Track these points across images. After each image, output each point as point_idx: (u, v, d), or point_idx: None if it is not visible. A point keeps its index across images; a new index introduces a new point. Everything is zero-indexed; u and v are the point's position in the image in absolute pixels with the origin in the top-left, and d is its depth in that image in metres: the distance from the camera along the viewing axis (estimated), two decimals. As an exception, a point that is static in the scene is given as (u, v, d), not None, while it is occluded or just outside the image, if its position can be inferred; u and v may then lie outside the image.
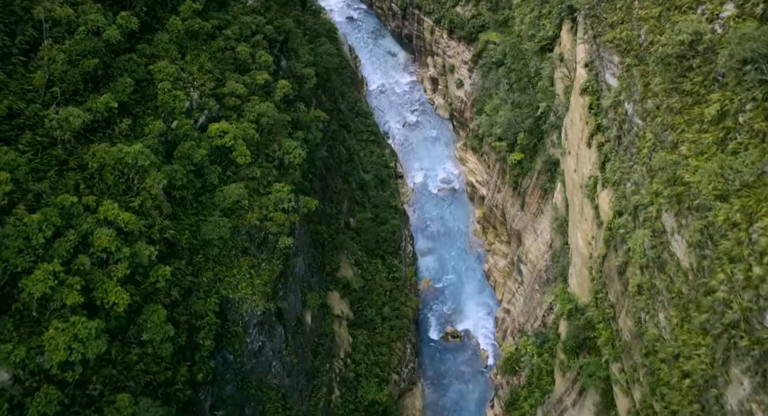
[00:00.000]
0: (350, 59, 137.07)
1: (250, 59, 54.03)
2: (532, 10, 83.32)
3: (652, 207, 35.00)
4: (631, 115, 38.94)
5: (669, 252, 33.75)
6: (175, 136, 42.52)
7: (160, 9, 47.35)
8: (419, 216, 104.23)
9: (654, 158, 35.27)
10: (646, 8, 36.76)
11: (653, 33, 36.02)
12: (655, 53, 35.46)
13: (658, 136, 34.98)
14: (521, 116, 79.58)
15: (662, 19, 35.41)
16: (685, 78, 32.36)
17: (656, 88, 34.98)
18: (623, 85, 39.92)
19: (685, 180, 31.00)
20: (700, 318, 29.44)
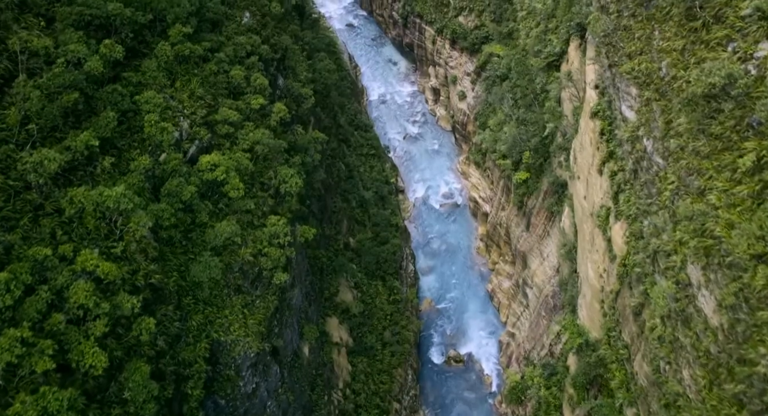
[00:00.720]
0: (350, 68, 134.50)
1: (244, 82, 51.36)
2: (538, 24, 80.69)
3: (676, 256, 32.32)
4: (651, 153, 36.26)
5: (695, 307, 31.09)
6: (163, 171, 39.84)
7: (148, 33, 44.66)
8: (421, 232, 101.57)
9: (678, 203, 32.60)
10: (668, 40, 34.07)
11: (676, 67, 33.33)
12: (678, 90, 32.80)
13: (682, 180, 32.30)
14: (527, 134, 76.92)
15: (686, 53, 32.73)
16: (714, 120, 29.69)
17: (680, 128, 32.29)
18: (642, 120, 37.24)
19: (716, 234, 28.33)
20: (734, 388, 26.81)
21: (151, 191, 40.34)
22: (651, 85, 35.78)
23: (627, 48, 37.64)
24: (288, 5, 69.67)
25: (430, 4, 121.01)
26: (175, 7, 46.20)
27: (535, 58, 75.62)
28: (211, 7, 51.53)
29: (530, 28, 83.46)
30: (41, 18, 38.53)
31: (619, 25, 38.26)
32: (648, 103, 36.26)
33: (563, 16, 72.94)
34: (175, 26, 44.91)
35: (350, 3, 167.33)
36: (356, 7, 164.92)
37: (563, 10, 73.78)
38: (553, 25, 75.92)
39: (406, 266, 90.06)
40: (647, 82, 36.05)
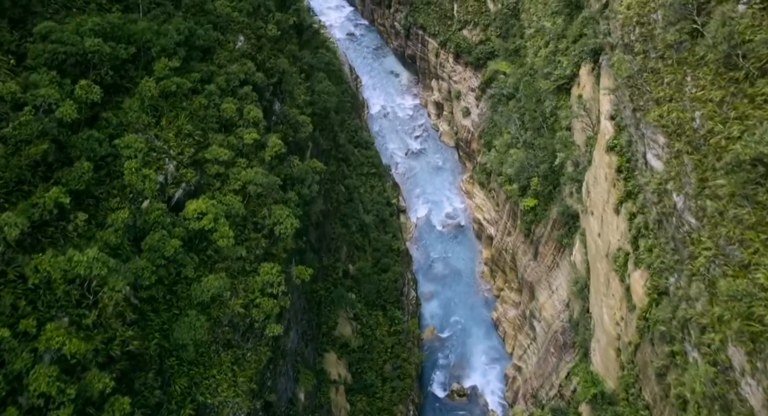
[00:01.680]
0: (351, 80, 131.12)
1: (236, 115, 47.85)
2: (547, 43, 77.18)
3: (715, 335, 28.82)
4: (682, 210, 32.76)
5: (737, 395, 27.60)
6: (144, 222, 36.33)
7: (131, 67, 41.18)
8: (423, 254, 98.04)
9: (715, 273, 29.11)
10: (703, 89, 30.60)
11: (713, 120, 29.86)
12: (716, 147, 29.32)
13: (721, 249, 28.80)
14: (535, 160, 73.42)
15: (725, 106, 29.25)
16: (761, 187, 26.23)
17: (719, 191, 28.79)
18: (671, 173, 33.75)
19: (766, 321, 24.86)
20: None
21: (131, 242, 36.85)
22: (682, 136, 32.29)
23: (654, 92, 34.14)
24: (285, 25, 66.20)
25: (434, 16, 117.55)
26: (161, 39, 42.72)
27: (545, 81, 72.11)
28: (201, 34, 48.04)
29: (539, 47, 79.97)
30: (11, 56, 35.10)
31: (646, 67, 34.79)
32: (678, 156, 32.79)
33: (574, 37, 69.52)
34: (160, 60, 41.38)
35: (351, 12, 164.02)
36: (357, 16, 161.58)
37: (574, 31, 70.31)
38: (563, 45, 72.42)
39: (407, 292, 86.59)
40: (678, 132, 32.56)
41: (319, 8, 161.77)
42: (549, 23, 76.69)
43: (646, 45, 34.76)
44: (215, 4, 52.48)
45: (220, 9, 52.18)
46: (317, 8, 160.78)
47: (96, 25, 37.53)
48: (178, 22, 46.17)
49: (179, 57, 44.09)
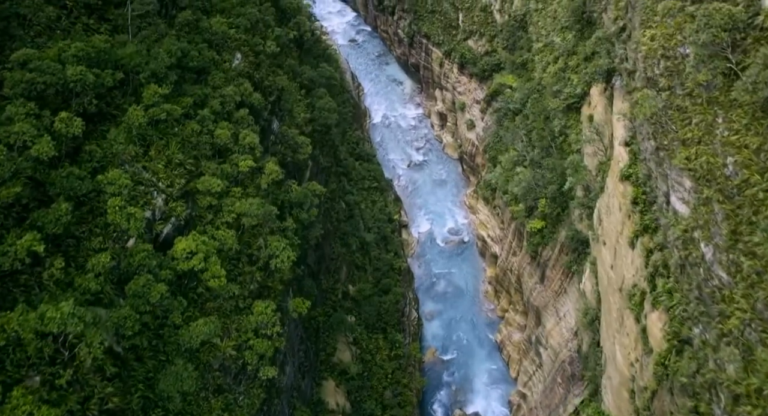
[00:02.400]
0: (352, 88, 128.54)
1: (231, 141, 45.23)
2: (556, 59, 74.46)
3: (752, 409, 26.15)
4: (711, 262, 30.11)
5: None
6: (129, 264, 33.70)
7: (118, 94, 38.56)
8: (425, 271, 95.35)
9: (752, 338, 26.48)
10: (737, 133, 27.96)
11: (749, 169, 27.22)
12: (753, 199, 26.68)
13: (758, 313, 26.17)
14: (543, 181, 70.73)
15: (763, 155, 26.60)
16: (807, 251, 23.60)
17: (758, 249, 26.14)
18: (698, 220, 31.08)
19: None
20: None
21: (115, 285, 34.23)
22: (712, 182, 29.65)
23: (681, 132, 31.48)
24: (285, 39, 63.56)
25: (438, 25, 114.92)
26: (150, 63, 40.08)
27: (554, 99, 69.42)
28: (194, 55, 45.39)
29: (547, 63, 77.25)
30: (-15, 85, 32.56)
31: (671, 104, 32.14)
32: (707, 203, 30.15)
33: (586, 54, 66.85)
34: (149, 86, 38.71)
35: (354, 17, 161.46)
36: (360, 21, 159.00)
37: (588, 50, 67.62)
38: (573, 62, 69.72)
39: (408, 313, 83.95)
40: (707, 178, 29.92)
41: (321, 13, 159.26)
42: (558, 38, 74.03)
43: (672, 80, 32.13)
44: (210, 22, 49.88)
45: (215, 27, 49.56)
46: (319, 13, 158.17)
47: (79, 50, 34.91)
48: (170, 42, 43.53)
49: (170, 81, 41.44)
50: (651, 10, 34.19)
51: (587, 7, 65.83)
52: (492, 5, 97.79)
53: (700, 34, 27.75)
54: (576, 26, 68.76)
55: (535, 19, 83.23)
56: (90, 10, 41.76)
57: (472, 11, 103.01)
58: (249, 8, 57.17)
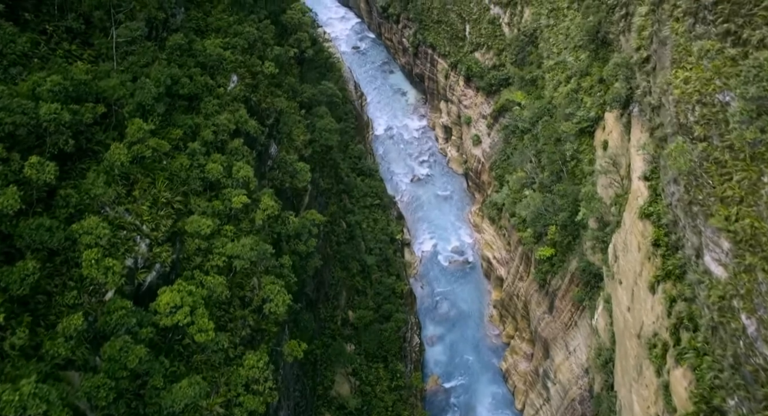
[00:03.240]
0: (355, 98, 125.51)
1: (224, 175, 42.08)
2: (569, 79, 71.26)
3: None
4: (754, 338, 26.91)
5: None
6: (105, 322, 30.55)
7: (98, 130, 35.40)
8: (427, 292, 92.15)
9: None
10: (788, 197, 24.74)
11: (803, 240, 24.01)
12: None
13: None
14: (553, 207, 67.52)
15: (819, 225, 23.40)
16: None
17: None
18: (738, 288, 27.88)
19: None
20: None
21: (89, 344, 31.09)
22: (757, 248, 26.45)
23: (719, 189, 28.27)
24: (284, 58, 60.40)
25: (444, 35, 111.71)
26: (136, 94, 36.94)
27: (566, 122, 66.18)
28: (186, 83, 42.23)
29: (559, 82, 74.08)
30: (-52, 126, 29.41)
31: (708, 156, 28.92)
32: (750, 271, 26.96)
33: (600, 76, 63.64)
34: (133, 121, 35.51)
35: (357, 23, 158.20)
36: (364, 28, 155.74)
37: (607, 73, 64.40)
38: (587, 83, 66.54)
39: (410, 338, 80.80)
40: (750, 243, 26.72)
41: (325, 19, 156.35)
42: (571, 57, 70.83)
43: (710, 130, 28.92)
44: (204, 44, 46.73)
45: (210, 49, 46.40)
46: (322, 19, 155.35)
47: (56, 84, 31.75)
48: (159, 69, 40.38)
49: (158, 113, 38.27)
50: (684, 49, 31.06)
51: (602, 27, 62.59)
52: (500, 18, 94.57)
53: (749, 86, 24.60)
54: (590, 46, 65.53)
55: (545, 35, 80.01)
56: (72, 35, 38.61)
57: (480, 23, 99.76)
58: (247, 27, 54.05)
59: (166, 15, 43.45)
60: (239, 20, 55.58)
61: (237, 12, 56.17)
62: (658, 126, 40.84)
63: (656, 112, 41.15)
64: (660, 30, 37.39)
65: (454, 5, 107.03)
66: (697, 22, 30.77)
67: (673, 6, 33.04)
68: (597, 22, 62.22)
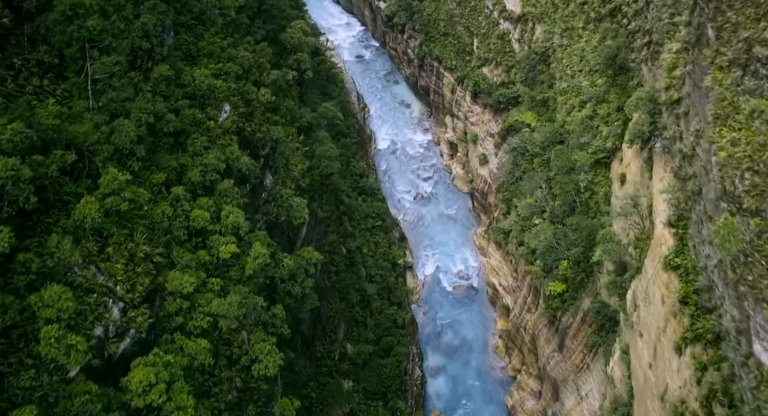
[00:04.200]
0: (357, 110, 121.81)
1: (212, 221, 38.35)
2: (583, 104, 67.43)
3: None
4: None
5: None
6: (66, 409, 26.79)
7: (68, 181, 31.63)
8: (430, 318, 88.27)
9: None
10: None
11: None
12: None
13: None
14: (565, 241, 63.65)
15: None
16: None
17: None
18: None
19: None
20: None
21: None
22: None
23: (773, 272, 24.46)
24: (282, 81, 56.62)
25: (451, 48, 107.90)
26: (113, 137, 33.21)
27: (581, 152, 62.35)
28: (171, 119, 38.51)
29: (572, 106, 70.26)
30: None
31: (761, 233, 25.08)
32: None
33: (618, 104, 59.83)
34: (108, 171, 31.75)
35: (362, 31, 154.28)
36: (368, 36, 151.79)
37: (629, 108, 60.55)
38: (603, 110, 62.74)
39: (411, 370, 77.03)
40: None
41: (328, 25, 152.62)
42: (586, 81, 66.97)
43: (763, 202, 25.11)
44: (194, 73, 42.97)
45: (199, 80, 42.63)
46: (326, 26, 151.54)
47: (17, 133, 28.02)
48: (142, 105, 36.63)
49: (137, 158, 34.54)
50: (731, 105, 27.29)
51: (621, 53, 58.72)
52: (510, 33, 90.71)
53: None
54: (607, 71, 61.67)
55: (558, 55, 76.17)
56: (44, 68, 34.89)
57: (489, 38, 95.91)
58: (242, 51, 50.32)
59: (152, 44, 39.68)
60: (234, 43, 51.89)
61: (232, 34, 52.46)
62: (691, 177, 37.01)
63: (688, 161, 37.35)
64: (696, 73, 33.56)
65: (461, 18, 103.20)
66: (747, 75, 26.97)
67: (716, 52, 29.24)
68: (615, 48, 58.34)
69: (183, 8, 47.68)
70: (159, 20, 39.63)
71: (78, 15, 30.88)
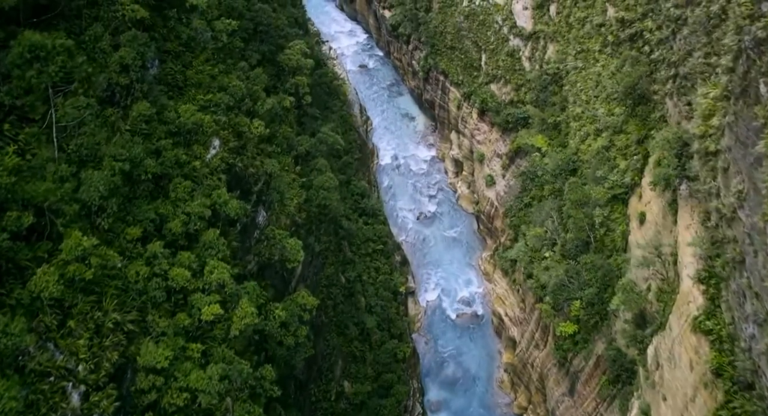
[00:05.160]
0: (360, 123, 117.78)
1: (193, 279, 34.46)
2: (598, 133, 63.47)
3: None
4: None
5: None
6: None
7: (25, 248, 27.73)
8: (431, 348, 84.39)
9: None
10: None
11: None
12: None
13: None
14: (578, 280, 59.67)
15: None
16: None
17: None
18: None
19: None
20: None
21: None
22: None
23: None
24: (278, 109, 52.74)
25: (458, 63, 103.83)
26: (81, 192, 29.31)
27: (597, 187, 58.38)
28: (150, 165, 34.62)
29: (587, 134, 66.28)
30: None
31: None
32: None
33: (639, 136, 55.94)
34: (71, 234, 27.83)
35: (365, 39, 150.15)
36: (372, 44, 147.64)
37: (638, 129, 56.73)
38: (621, 142, 58.82)
39: (412, 407, 73.16)
40: None
41: (331, 33, 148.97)
42: (602, 109, 62.99)
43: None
44: (179, 110, 39.06)
45: (185, 116, 38.73)
46: (329, 33, 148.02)
47: (-38, 197, 24.15)
48: (115, 151, 32.74)
49: (108, 214, 30.65)
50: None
51: (643, 82, 54.71)
52: (520, 51, 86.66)
53: None
54: (626, 101, 57.67)
55: (572, 77, 72.13)
56: (6, 110, 30.97)
57: (498, 54, 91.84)
58: (234, 80, 46.42)
59: (131, 79, 35.81)
60: (226, 69, 47.98)
61: (224, 59, 48.57)
62: (730, 241, 33.04)
63: (726, 223, 33.36)
64: (739, 127, 29.61)
65: (469, 32, 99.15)
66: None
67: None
68: (637, 77, 54.33)
69: (170, 34, 43.76)
70: (139, 53, 35.72)
71: (38, 58, 26.98)
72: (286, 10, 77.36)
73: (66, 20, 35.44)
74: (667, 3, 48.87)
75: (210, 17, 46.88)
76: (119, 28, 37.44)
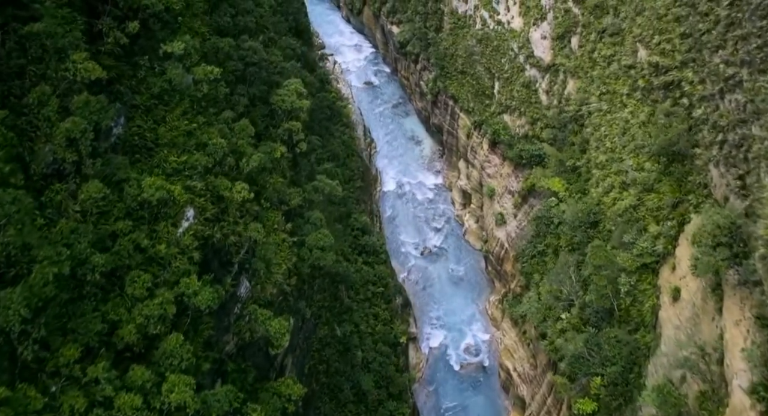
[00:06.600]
0: (363, 146, 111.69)
1: (144, 409, 28.24)
2: (625, 187, 57.03)
3: None
4: None
5: None
6: None
7: None
8: (432, 403, 78.14)
9: None
10: None
11: None
12: None
13: None
14: (600, 354, 53.29)
15: None
16: None
17: None
18: None
19: None
20: None
21: None
22: None
23: None
24: (268, 160, 46.53)
25: (469, 89, 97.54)
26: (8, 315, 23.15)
27: (623, 253, 52.01)
28: (98, 262, 28.42)
29: (611, 186, 59.78)
30: None
31: None
32: None
33: (675, 200, 49.56)
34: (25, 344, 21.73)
35: (372, 54, 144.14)
36: (379, 60, 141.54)
37: (673, 190, 50.34)
38: (652, 202, 52.37)
39: (411, 474, 66.95)
40: None
41: (336, 45, 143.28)
42: (631, 161, 56.56)
43: None
44: (143, 184, 32.89)
45: (148, 192, 32.55)
46: (334, 45, 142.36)
47: None
48: (50, 251, 26.54)
49: (34, 339, 24.51)
50: None
51: (682, 140, 48.32)
52: (537, 82, 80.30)
53: None
54: (662, 159, 51.27)
55: (595, 120, 65.66)
56: None
57: (512, 84, 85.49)
58: (214, 135, 40.24)
59: (80, 155, 29.67)
60: (207, 122, 41.80)
61: (205, 110, 42.37)
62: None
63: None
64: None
65: (482, 57, 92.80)
66: None
67: None
68: (675, 135, 47.92)
69: (140, 86, 37.68)
70: (91, 123, 29.59)
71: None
72: (284, 36, 71.33)
73: (3, 81, 29.42)
74: (714, 57, 42.42)
75: (189, 63, 40.66)
76: (72, 88, 31.35)
